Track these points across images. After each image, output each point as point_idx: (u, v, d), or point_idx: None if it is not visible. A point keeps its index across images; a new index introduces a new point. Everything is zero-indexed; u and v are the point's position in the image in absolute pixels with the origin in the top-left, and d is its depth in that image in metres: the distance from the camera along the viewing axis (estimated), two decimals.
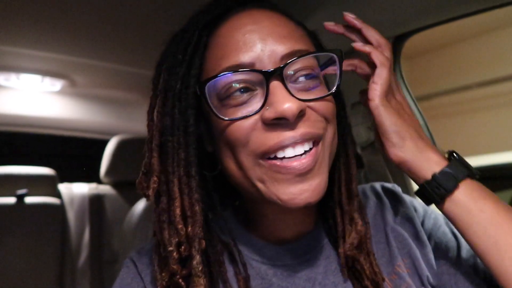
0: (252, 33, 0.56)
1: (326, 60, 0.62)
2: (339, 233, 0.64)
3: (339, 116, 0.65)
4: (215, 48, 0.58)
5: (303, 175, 0.54)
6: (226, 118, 0.55)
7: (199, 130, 0.60)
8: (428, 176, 0.59)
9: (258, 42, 0.55)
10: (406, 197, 0.74)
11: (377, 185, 0.76)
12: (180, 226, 0.55)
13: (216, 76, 0.55)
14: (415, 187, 1.08)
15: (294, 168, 0.54)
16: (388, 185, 0.76)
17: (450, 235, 0.67)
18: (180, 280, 0.55)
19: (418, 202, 0.73)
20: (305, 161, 0.54)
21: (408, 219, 0.70)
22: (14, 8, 1.05)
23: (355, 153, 0.70)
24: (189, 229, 0.55)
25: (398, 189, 0.75)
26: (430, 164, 0.59)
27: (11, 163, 2.04)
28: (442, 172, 0.58)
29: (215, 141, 0.61)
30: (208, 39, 0.59)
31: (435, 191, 0.58)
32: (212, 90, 0.56)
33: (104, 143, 2.20)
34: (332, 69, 0.60)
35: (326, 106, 0.58)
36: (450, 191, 0.58)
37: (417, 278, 0.64)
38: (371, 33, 0.63)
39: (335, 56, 0.59)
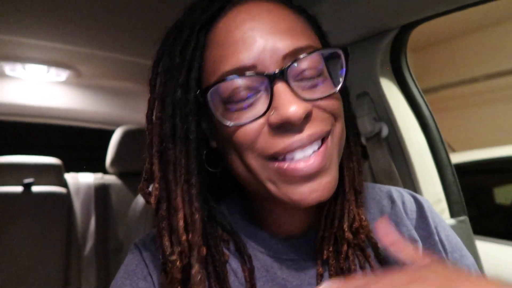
0: (251, 31, 0.53)
1: (330, 52, 0.59)
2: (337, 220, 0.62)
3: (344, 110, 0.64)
4: (213, 48, 0.56)
5: (311, 175, 0.54)
6: (231, 124, 0.54)
7: (201, 129, 0.58)
8: None
9: (258, 40, 0.53)
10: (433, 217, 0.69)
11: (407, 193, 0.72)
12: (183, 238, 0.54)
13: (216, 82, 0.53)
14: (421, 181, 1.09)
15: (301, 170, 0.53)
16: (421, 198, 0.71)
17: None
18: None
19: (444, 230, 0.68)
20: (312, 161, 0.53)
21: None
22: None
23: (359, 144, 0.69)
24: (190, 236, 0.54)
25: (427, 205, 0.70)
26: None
27: (17, 153, 2.06)
28: None
29: (219, 139, 0.60)
30: (205, 38, 0.57)
31: None
32: (215, 95, 0.55)
33: (109, 133, 2.22)
34: (336, 63, 0.58)
35: (333, 103, 0.56)
36: None
37: None
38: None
39: (340, 52, 0.57)
